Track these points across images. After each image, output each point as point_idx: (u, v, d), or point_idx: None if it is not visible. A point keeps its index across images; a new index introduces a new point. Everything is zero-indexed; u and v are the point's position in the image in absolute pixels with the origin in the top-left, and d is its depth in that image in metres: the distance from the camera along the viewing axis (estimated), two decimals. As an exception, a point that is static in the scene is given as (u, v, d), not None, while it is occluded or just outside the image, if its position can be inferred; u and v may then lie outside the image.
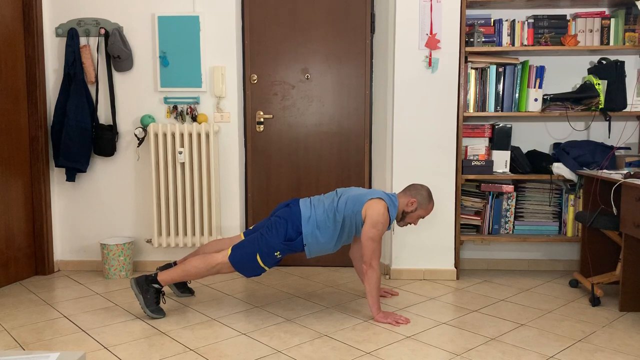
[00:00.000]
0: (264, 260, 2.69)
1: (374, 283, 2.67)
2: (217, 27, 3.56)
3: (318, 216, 2.72)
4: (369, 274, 2.66)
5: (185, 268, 2.73)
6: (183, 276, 2.74)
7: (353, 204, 2.70)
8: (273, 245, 2.68)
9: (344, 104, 3.69)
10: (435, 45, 3.33)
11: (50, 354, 1.52)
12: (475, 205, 3.53)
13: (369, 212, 2.65)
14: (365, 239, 2.64)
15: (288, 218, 2.73)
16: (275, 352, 2.36)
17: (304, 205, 2.76)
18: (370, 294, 2.70)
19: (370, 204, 2.67)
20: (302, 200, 2.81)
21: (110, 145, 3.59)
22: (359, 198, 2.71)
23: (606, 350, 2.37)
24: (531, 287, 3.32)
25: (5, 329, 2.65)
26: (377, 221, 2.63)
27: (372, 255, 2.65)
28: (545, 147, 3.68)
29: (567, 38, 3.36)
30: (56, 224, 3.73)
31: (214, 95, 3.59)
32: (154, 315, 2.74)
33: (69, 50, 3.53)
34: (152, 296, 2.73)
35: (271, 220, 2.77)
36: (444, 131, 3.39)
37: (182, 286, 3.12)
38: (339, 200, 2.74)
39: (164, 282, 2.75)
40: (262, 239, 2.69)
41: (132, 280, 2.73)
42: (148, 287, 2.73)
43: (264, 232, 2.72)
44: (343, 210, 2.70)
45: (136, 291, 2.72)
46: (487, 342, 2.46)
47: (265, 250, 2.68)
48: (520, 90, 3.43)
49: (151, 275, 2.75)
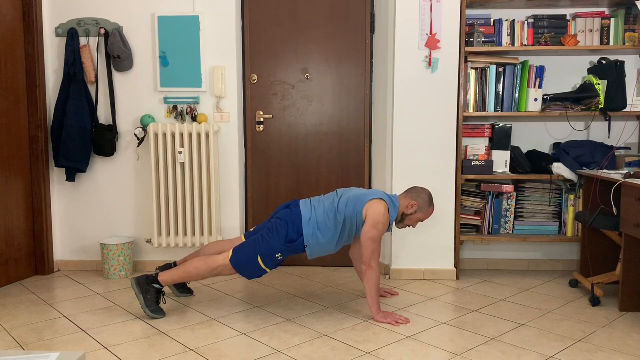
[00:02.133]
0: (265, 262, 2.69)
1: (373, 283, 2.67)
2: (217, 27, 3.56)
3: (319, 217, 2.72)
4: (369, 274, 2.66)
5: (186, 269, 2.73)
6: (184, 277, 2.74)
7: (354, 204, 2.70)
8: (274, 247, 2.68)
9: (344, 104, 3.69)
10: (435, 45, 3.33)
11: (50, 354, 1.52)
12: (475, 205, 3.53)
13: (370, 213, 2.65)
14: (366, 239, 2.64)
15: (289, 220, 2.73)
16: (275, 352, 2.36)
17: (305, 207, 2.76)
18: (370, 294, 2.70)
19: (371, 204, 2.67)
20: (303, 202, 2.81)
21: (110, 145, 3.59)
22: (360, 198, 2.71)
23: (606, 350, 2.37)
24: (531, 287, 3.32)
25: (5, 329, 2.65)
26: (378, 221, 2.63)
27: (372, 256, 2.65)
28: (545, 147, 3.68)
29: (567, 38, 3.36)
30: (56, 224, 3.73)
31: (214, 95, 3.59)
32: (154, 316, 2.74)
33: (69, 50, 3.53)
34: (153, 296, 2.74)
35: (272, 222, 2.77)
36: (444, 131, 3.39)
37: (181, 286, 3.12)
38: (339, 201, 2.74)
39: (165, 283, 2.75)
40: (263, 241, 2.69)
41: (133, 280, 2.73)
42: (149, 287, 2.73)
43: (264, 234, 2.72)
44: (344, 211, 2.70)
45: (137, 291, 2.72)
46: (487, 342, 2.46)
47: (266, 252, 2.68)
48: (520, 90, 3.43)
49: (152, 275, 2.75)
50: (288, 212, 2.77)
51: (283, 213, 2.78)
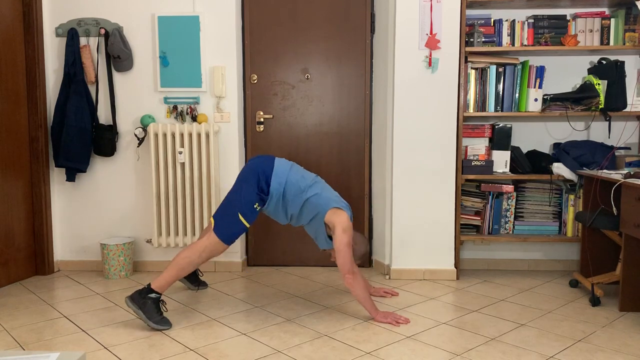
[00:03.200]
0: (246, 216, 2.67)
1: (362, 287, 2.66)
2: (217, 27, 3.56)
3: (289, 181, 2.71)
4: (355, 281, 2.64)
5: (176, 264, 2.65)
6: (178, 273, 2.65)
7: (324, 202, 2.69)
8: (250, 198, 2.67)
9: (344, 104, 3.69)
10: (435, 45, 3.33)
11: (50, 354, 1.52)
12: (475, 205, 3.53)
13: (337, 219, 2.64)
14: (342, 246, 2.61)
15: (259, 169, 2.72)
16: (275, 352, 2.36)
17: (281, 164, 2.75)
18: (364, 298, 2.68)
19: (335, 211, 2.67)
20: (281, 160, 2.79)
21: (110, 145, 3.59)
22: (328, 202, 2.69)
23: (606, 350, 2.37)
24: (531, 287, 3.32)
25: (5, 329, 2.65)
26: (348, 226, 2.64)
27: (351, 261, 2.63)
28: (545, 147, 3.68)
29: (567, 38, 3.36)
30: (56, 224, 3.73)
31: (214, 95, 3.59)
32: (159, 327, 2.61)
33: (69, 50, 3.53)
34: (152, 307, 2.61)
35: (240, 174, 2.76)
36: (444, 131, 3.39)
37: (194, 280, 3.13)
38: (311, 187, 2.72)
39: (161, 288, 2.64)
40: (238, 196, 2.68)
41: (127, 299, 2.62)
42: (144, 299, 2.61)
43: (237, 189, 2.70)
44: (312, 200, 2.69)
45: (134, 308, 2.60)
46: (487, 342, 2.46)
47: (245, 206, 2.66)
48: (520, 90, 3.43)
49: (144, 287, 2.64)
50: (258, 161, 2.76)
51: (252, 162, 2.76)
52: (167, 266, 2.68)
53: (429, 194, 3.42)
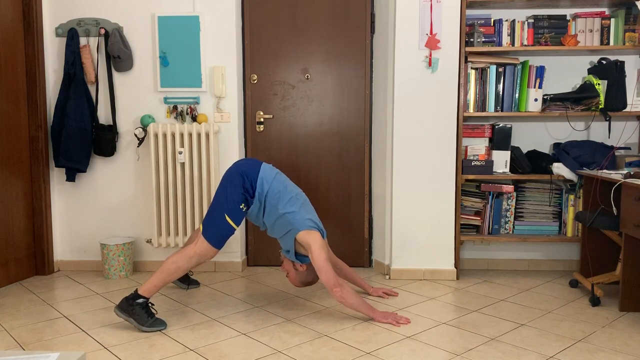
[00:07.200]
0: (233, 217, 2.67)
1: (354, 295, 2.66)
2: (217, 27, 3.56)
3: (272, 190, 2.71)
4: (344, 292, 2.63)
5: (164, 269, 2.63)
6: (166, 278, 2.63)
7: (298, 223, 2.68)
8: (235, 199, 2.67)
9: (344, 104, 3.69)
10: (435, 45, 3.33)
11: (50, 354, 1.52)
12: (475, 205, 3.53)
13: (310, 238, 2.64)
14: (322, 262, 2.60)
15: (243, 171, 2.72)
16: (275, 352, 2.36)
17: (266, 171, 2.75)
18: (358, 304, 2.67)
19: (308, 232, 2.66)
20: (266, 166, 2.79)
21: (110, 145, 3.59)
22: (302, 223, 2.69)
23: (606, 350, 2.37)
24: (531, 287, 3.32)
25: (5, 329, 2.65)
26: (322, 243, 2.65)
27: (334, 274, 2.62)
28: (545, 147, 3.68)
29: (567, 38, 3.36)
30: (56, 224, 3.73)
31: (214, 95, 3.59)
32: (153, 329, 2.61)
33: (69, 50, 3.53)
34: (141, 312, 2.60)
35: (224, 176, 2.75)
36: (444, 131, 3.39)
37: (185, 279, 3.13)
38: (289, 201, 2.71)
39: (149, 293, 2.62)
40: (224, 197, 2.68)
41: (115, 309, 2.61)
42: (132, 306, 2.59)
43: (223, 190, 2.70)
44: (287, 217, 2.69)
45: (124, 316, 2.59)
46: (487, 342, 2.46)
47: (231, 206, 2.66)
48: (520, 90, 3.43)
49: (130, 295, 2.63)
50: (242, 164, 2.76)
51: (237, 164, 2.77)
52: (155, 271, 2.68)
53: (429, 194, 3.42)
